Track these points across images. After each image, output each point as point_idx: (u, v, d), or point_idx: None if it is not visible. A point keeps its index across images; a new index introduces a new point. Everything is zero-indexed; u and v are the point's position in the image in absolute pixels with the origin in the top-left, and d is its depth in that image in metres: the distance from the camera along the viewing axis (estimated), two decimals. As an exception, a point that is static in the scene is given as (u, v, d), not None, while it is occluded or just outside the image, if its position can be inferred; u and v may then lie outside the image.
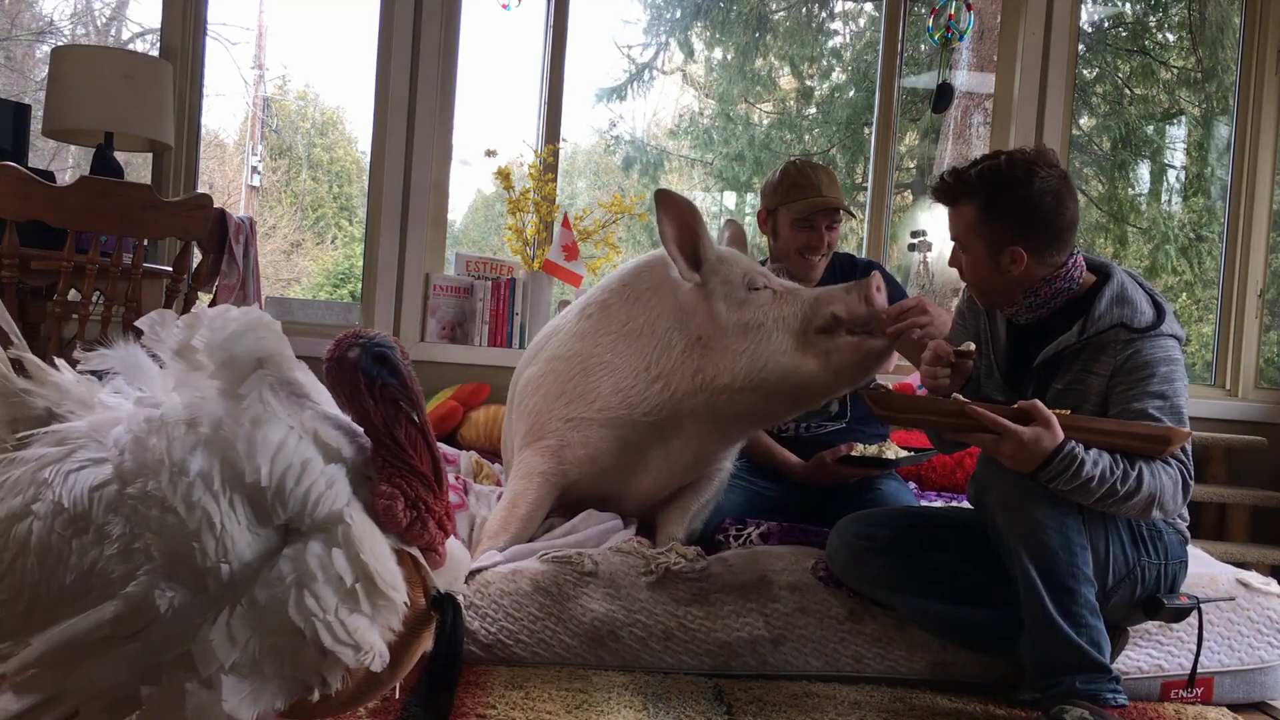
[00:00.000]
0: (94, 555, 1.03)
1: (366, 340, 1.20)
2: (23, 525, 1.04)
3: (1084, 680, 1.76)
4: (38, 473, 1.07)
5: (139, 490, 1.05)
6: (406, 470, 1.19)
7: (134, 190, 2.63)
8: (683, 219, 2.17)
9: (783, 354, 2.08)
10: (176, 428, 1.08)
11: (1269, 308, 4.17)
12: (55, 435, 1.12)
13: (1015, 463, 1.77)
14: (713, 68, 7.33)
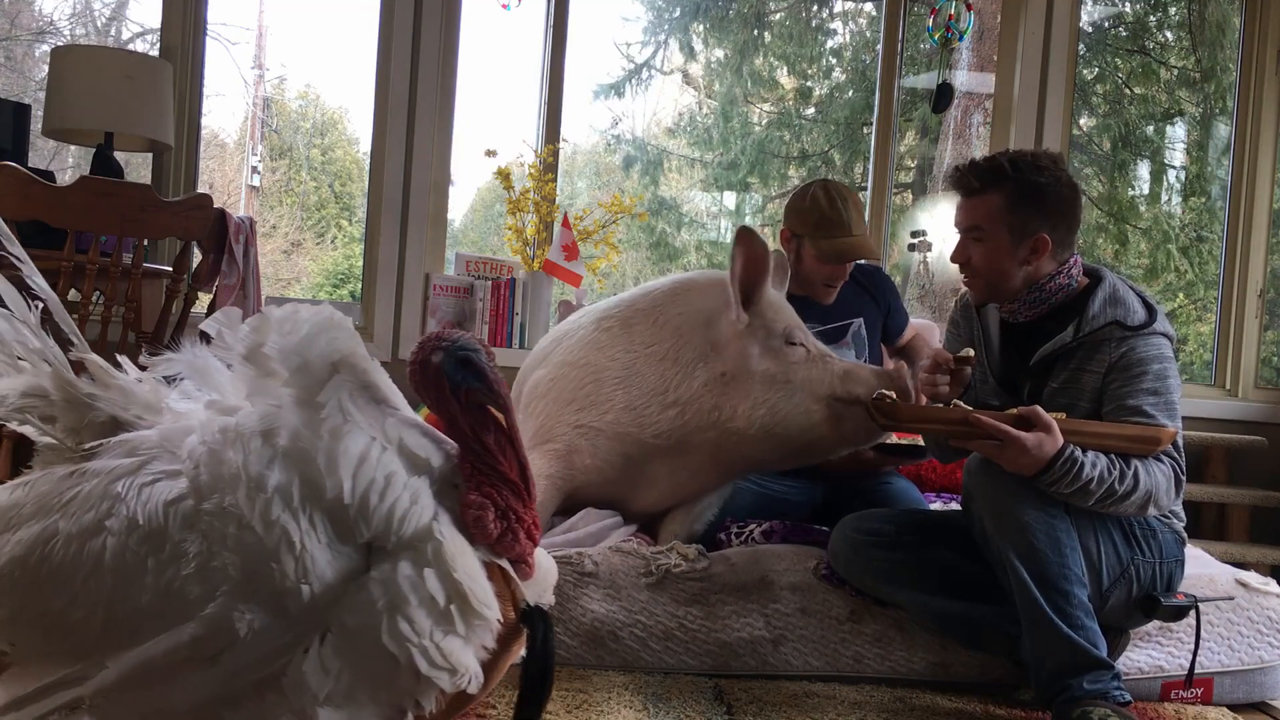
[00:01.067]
0: (171, 574, 0.98)
1: (450, 343, 1.15)
2: (96, 541, 0.99)
3: (1090, 680, 1.77)
4: (110, 486, 1.02)
5: (214, 506, 1.00)
6: (496, 478, 1.13)
7: (134, 190, 2.63)
8: (756, 260, 2.18)
9: (801, 414, 2.11)
10: (253, 439, 1.02)
11: (1269, 308, 4.16)
12: (126, 445, 1.06)
13: (1017, 467, 1.79)
14: (712, 67, 7.33)
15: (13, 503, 1.06)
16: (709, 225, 7.54)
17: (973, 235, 1.98)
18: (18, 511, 1.04)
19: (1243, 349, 4.00)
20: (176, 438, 1.06)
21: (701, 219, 7.54)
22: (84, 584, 0.98)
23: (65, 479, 1.06)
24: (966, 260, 2.01)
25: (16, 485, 1.08)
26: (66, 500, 1.03)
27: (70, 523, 1.00)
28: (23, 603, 1.00)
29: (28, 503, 1.05)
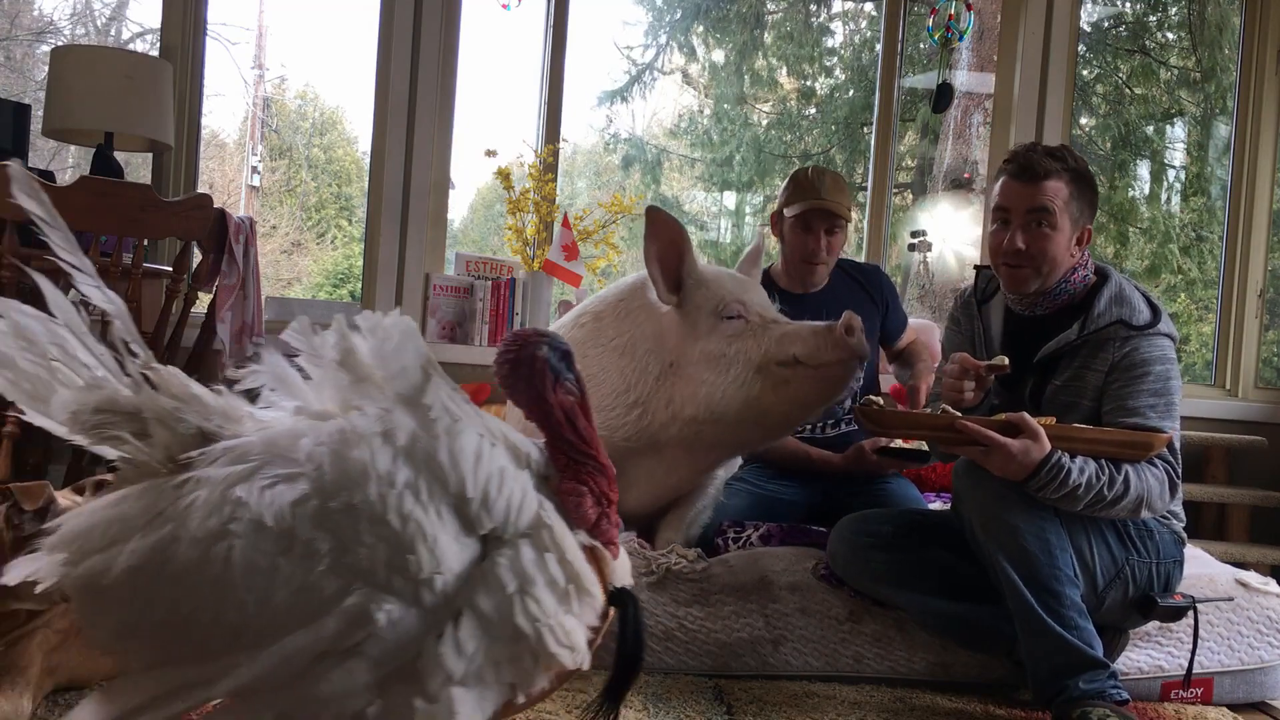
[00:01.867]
0: (303, 572, 1.01)
1: (549, 339, 1.23)
2: (221, 546, 1.00)
3: (1086, 680, 1.77)
4: (228, 492, 1.03)
5: (343, 504, 1.03)
6: (591, 465, 1.20)
7: (134, 190, 2.63)
8: (669, 237, 2.11)
9: (740, 387, 2.02)
10: (373, 439, 1.06)
11: (1269, 308, 4.16)
12: (233, 453, 1.07)
13: (1004, 473, 1.79)
14: (713, 68, 7.33)
15: (119, 515, 1.05)
16: (710, 225, 7.54)
17: (1036, 220, 1.92)
18: (127, 524, 1.03)
19: (1243, 349, 4.00)
20: (285, 442, 1.07)
21: (702, 218, 7.54)
22: (212, 588, 1.00)
23: (176, 489, 1.05)
24: (1023, 247, 1.93)
25: (118, 500, 1.07)
26: (183, 509, 1.03)
27: (191, 530, 1.01)
28: (142, 611, 1.01)
29: (135, 515, 1.04)
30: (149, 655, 1.03)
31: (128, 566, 1.01)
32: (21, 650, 1.50)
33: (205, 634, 1.01)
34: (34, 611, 1.53)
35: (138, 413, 1.09)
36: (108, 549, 1.02)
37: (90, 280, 1.11)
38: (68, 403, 1.08)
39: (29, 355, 1.08)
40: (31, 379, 1.08)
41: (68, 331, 1.10)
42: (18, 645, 1.51)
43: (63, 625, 1.56)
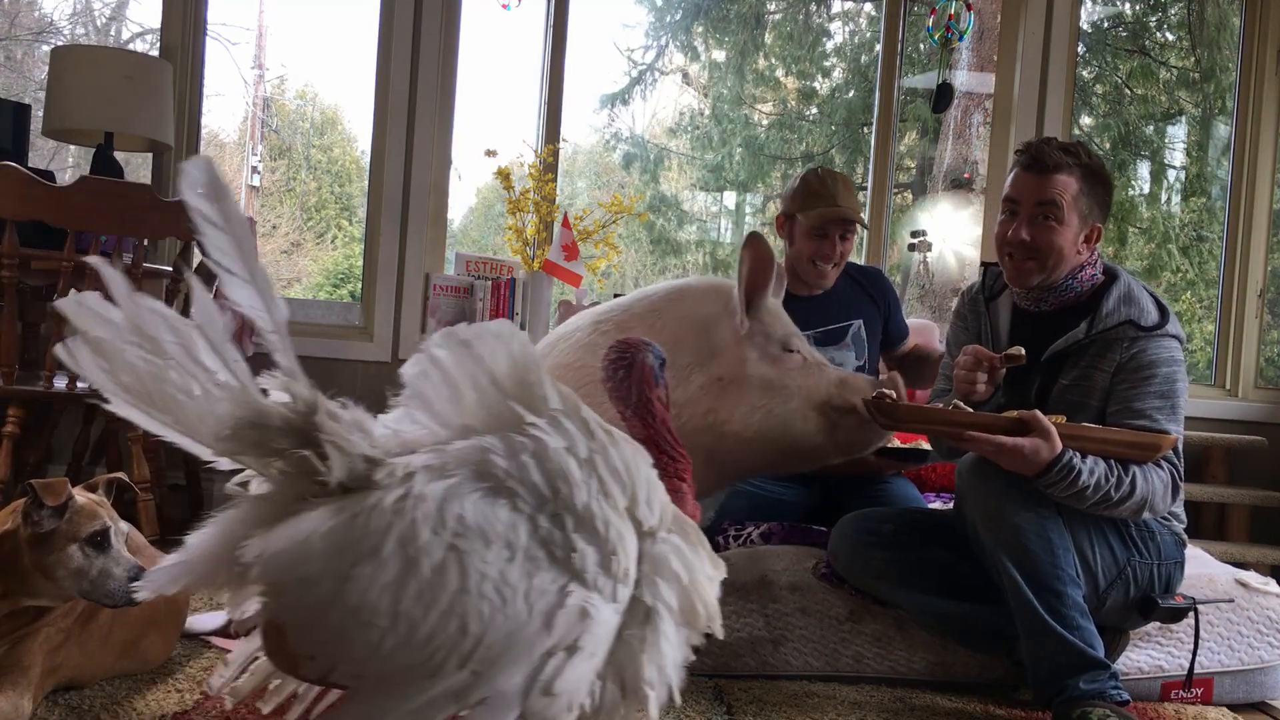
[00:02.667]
0: (527, 578, 1.06)
1: (653, 347, 1.36)
2: (453, 560, 1.03)
3: (1086, 680, 1.77)
4: (442, 510, 1.04)
5: (550, 513, 1.09)
6: (683, 463, 1.31)
7: (134, 190, 2.63)
8: (763, 266, 2.17)
9: (798, 420, 2.08)
10: (557, 453, 1.11)
11: (1269, 308, 4.16)
12: (433, 469, 1.08)
13: (1014, 470, 1.79)
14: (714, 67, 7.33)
15: (332, 544, 1.02)
16: (709, 225, 7.54)
17: (1043, 213, 1.92)
18: (344, 550, 1.01)
19: (1243, 349, 4.00)
20: (476, 456, 1.09)
21: (702, 218, 7.54)
22: (453, 602, 1.02)
23: (394, 509, 1.04)
24: (1027, 239, 1.93)
25: (335, 513, 1.03)
26: (407, 528, 1.03)
27: (422, 549, 1.02)
28: (385, 633, 1.00)
29: (350, 540, 1.02)
30: (387, 677, 1.02)
31: (365, 591, 0.99)
32: (24, 650, 1.50)
33: (450, 647, 1.02)
34: (41, 611, 1.53)
35: (307, 431, 1.05)
36: (327, 577, 1.00)
37: (247, 289, 1.06)
38: (220, 416, 1.04)
39: (143, 353, 1.03)
40: (144, 379, 1.03)
41: (199, 336, 1.04)
42: (20, 645, 1.51)
43: (65, 625, 1.56)
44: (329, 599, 0.98)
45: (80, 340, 1.01)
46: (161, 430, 1.06)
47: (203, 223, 1.03)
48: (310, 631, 1.00)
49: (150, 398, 1.03)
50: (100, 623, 1.63)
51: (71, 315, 1.01)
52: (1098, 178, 1.94)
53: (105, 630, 1.65)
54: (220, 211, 1.04)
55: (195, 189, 1.03)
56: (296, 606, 1.00)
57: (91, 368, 1.02)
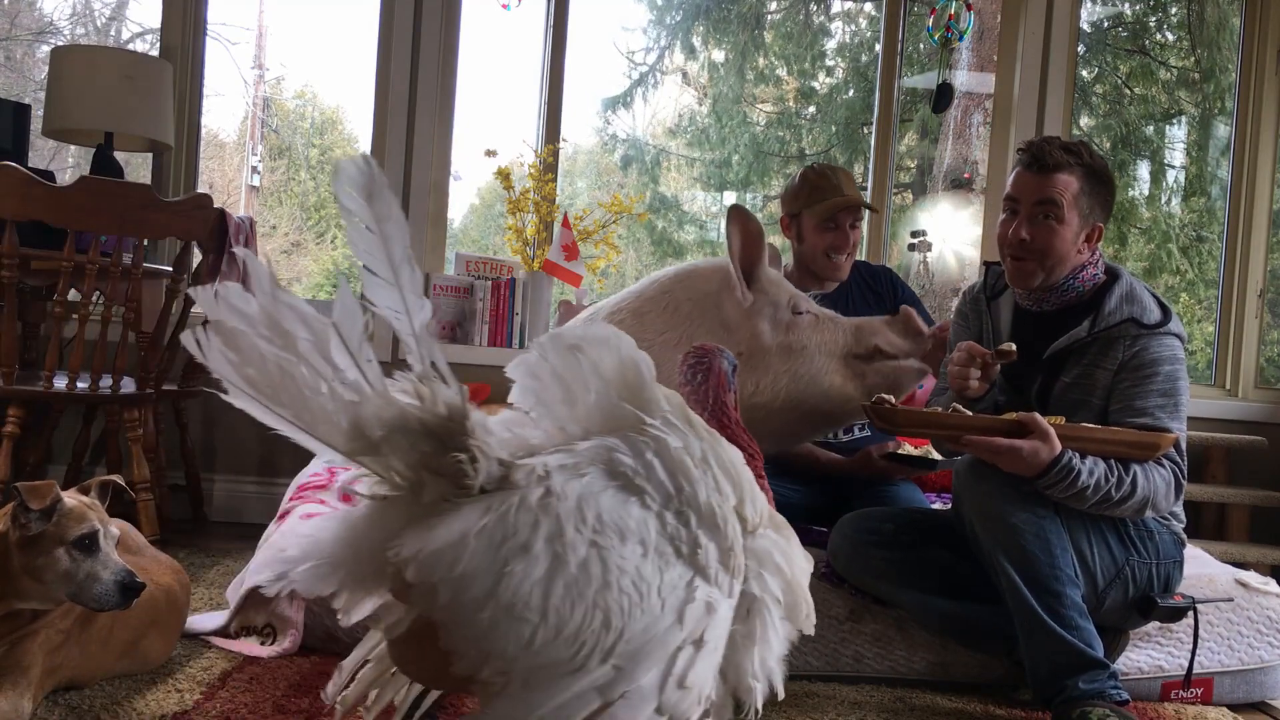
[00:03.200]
0: (660, 574, 1.09)
1: (726, 353, 1.46)
2: (595, 557, 1.06)
3: (1086, 680, 1.77)
4: (581, 508, 1.07)
5: (675, 509, 1.13)
6: (757, 462, 1.35)
7: (134, 190, 2.63)
8: (752, 237, 2.19)
9: (824, 375, 2.12)
10: (676, 452, 1.15)
11: (1269, 308, 4.16)
12: (568, 469, 1.10)
13: (1013, 471, 1.79)
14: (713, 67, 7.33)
15: (484, 543, 1.04)
16: (709, 225, 7.54)
17: (1043, 212, 1.92)
18: (494, 549, 1.03)
19: (1243, 349, 4.00)
20: (605, 456, 1.13)
21: (701, 218, 7.54)
22: (598, 597, 1.05)
23: (537, 504, 1.06)
24: (1029, 238, 1.93)
25: (484, 512, 1.05)
26: (552, 527, 1.05)
27: (569, 546, 1.05)
28: (536, 629, 1.02)
29: (499, 539, 1.04)
30: (534, 672, 1.03)
31: (518, 587, 1.01)
32: (23, 650, 1.50)
33: (594, 641, 1.04)
34: (38, 612, 1.53)
35: (450, 435, 1.06)
36: (483, 574, 1.01)
37: (390, 291, 1.05)
38: (365, 417, 1.04)
39: (274, 348, 1.02)
40: (271, 373, 1.02)
41: (334, 333, 1.03)
42: (20, 645, 1.51)
43: (64, 625, 1.56)
44: (484, 596, 1.00)
45: (213, 330, 1.01)
46: (278, 424, 1.05)
47: (352, 222, 1.03)
48: (465, 628, 1.01)
49: (275, 392, 1.03)
50: (100, 623, 1.63)
51: (207, 306, 1.01)
52: (1100, 177, 1.94)
53: (105, 631, 1.65)
54: (374, 212, 1.03)
55: (351, 187, 1.03)
56: (453, 604, 1.01)
57: (219, 358, 1.02)
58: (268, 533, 2.19)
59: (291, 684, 1.77)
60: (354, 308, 1.03)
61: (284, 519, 2.17)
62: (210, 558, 2.73)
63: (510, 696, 1.02)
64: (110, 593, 1.48)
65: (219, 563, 2.67)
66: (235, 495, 3.47)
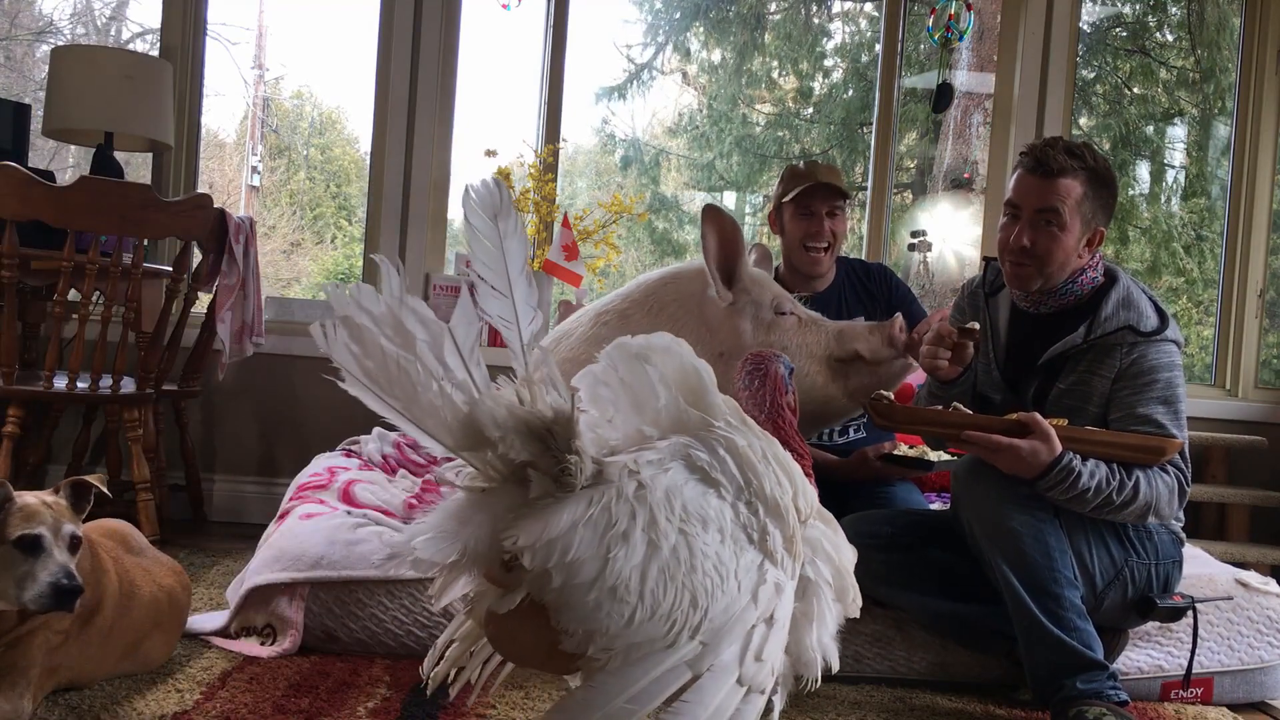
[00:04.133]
0: (734, 558, 1.19)
1: (783, 358, 1.54)
2: (683, 543, 1.16)
3: (1084, 680, 1.77)
4: (669, 499, 1.18)
5: (745, 500, 1.23)
6: (808, 461, 1.42)
7: (134, 190, 2.63)
8: (727, 236, 2.20)
9: (805, 379, 2.12)
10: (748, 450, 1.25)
11: (1269, 308, 4.16)
12: (654, 465, 1.20)
13: (1013, 472, 1.79)
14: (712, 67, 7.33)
15: (590, 531, 1.13)
16: (709, 226, 7.52)
17: (1044, 219, 1.90)
18: (599, 535, 1.13)
19: (1243, 349, 4.00)
20: (684, 453, 1.23)
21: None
22: (687, 579, 1.15)
23: (634, 497, 1.16)
24: (1028, 244, 1.91)
25: (590, 504, 1.14)
26: (648, 515, 1.16)
27: (662, 532, 1.15)
28: (635, 610, 1.12)
29: (603, 526, 1.14)
30: (633, 648, 1.13)
31: (620, 572, 1.12)
32: (22, 650, 1.50)
33: (684, 620, 1.14)
34: (28, 612, 1.52)
35: (555, 435, 1.15)
36: (591, 560, 1.12)
37: (502, 302, 1.18)
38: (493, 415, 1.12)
39: (394, 346, 1.10)
40: (389, 368, 1.11)
41: (448, 337, 1.12)
42: (18, 645, 1.51)
43: (62, 626, 1.56)
44: (592, 580, 1.10)
45: (340, 324, 1.10)
46: (388, 414, 1.14)
47: (477, 238, 1.17)
48: (574, 609, 1.11)
49: (389, 385, 1.12)
50: (100, 624, 1.63)
51: (336, 302, 1.10)
52: (1103, 181, 1.92)
53: (106, 631, 1.65)
54: (499, 229, 1.18)
55: (480, 210, 1.17)
56: (564, 587, 1.11)
57: (342, 350, 1.10)
58: (268, 533, 2.19)
59: (291, 684, 1.77)
60: (470, 315, 1.14)
61: (284, 519, 2.17)
62: (210, 558, 2.73)
63: (612, 672, 1.13)
64: (44, 594, 1.43)
65: (219, 563, 2.67)
66: (235, 495, 3.47)
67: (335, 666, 1.89)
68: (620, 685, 1.12)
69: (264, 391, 3.49)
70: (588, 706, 1.12)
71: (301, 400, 3.48)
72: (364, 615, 1.98)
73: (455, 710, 1.71)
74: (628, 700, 1.12)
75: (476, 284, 1.18)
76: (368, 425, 3.17)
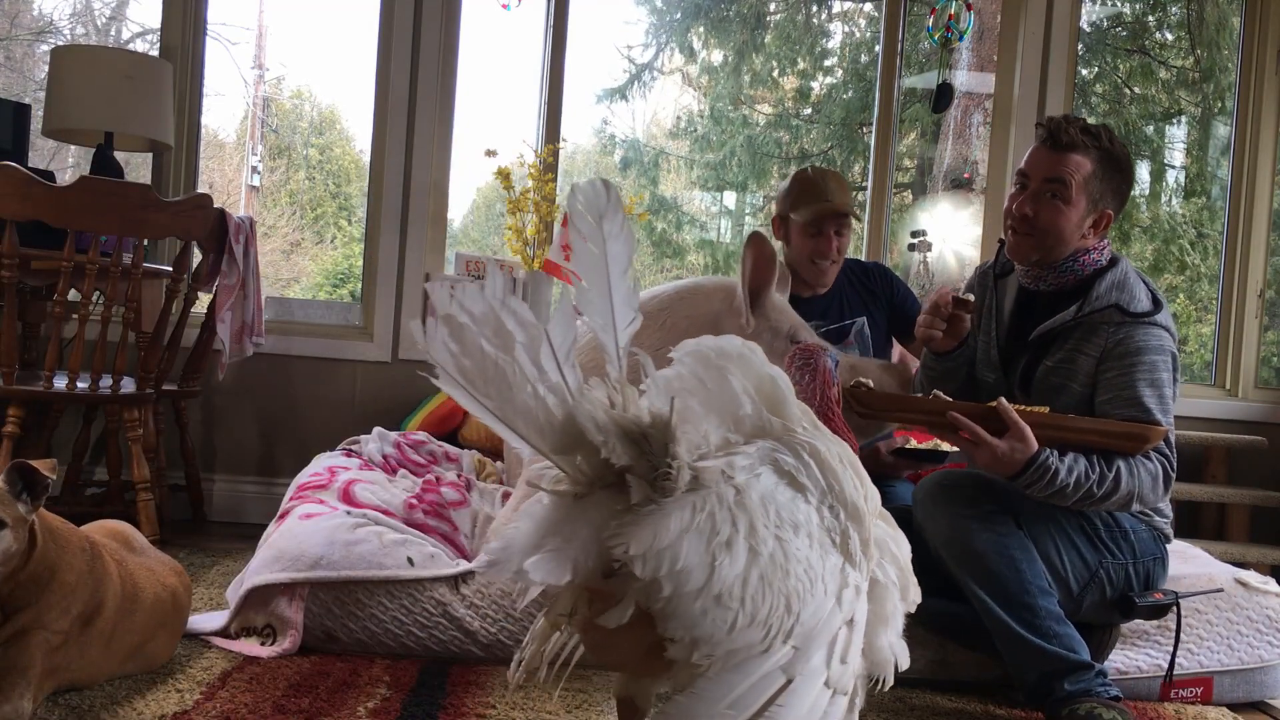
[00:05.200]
0: (821, 562, 1.21)
1: (830, 351, 1.57)
2: (778, 547, 1.17)
3: (1071, 682, 1.77)
4: (765, 505, 1.19)
5: (828, 504, 1.25)
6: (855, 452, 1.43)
7: (134, 190, 2.63)
8: (765, 263, 2.21)
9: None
10: (828, 453, 1.27)
11: (1269, 308, 4.16)
12: (746, 470, 1.20)
13: (990, 470, 1.80)
14: (711, 68, 7.33)
15: (710, 534, 1.14)
16: (709, 225, 7.54)
17: (1050, 190, 1.91)
18: (704, 540, 1.13)
19: (1243, 349, 4.00)
20: (766, 457, 1.24)
21: (701, 219, 7.54)
22: (781, 583, 1.16)
23: (734, 504, 1.17)
24: (1031, 214, 1.93)
25: (694, 511, 1.14)
26: (749, 520, 1.17)
27: (759, 537, 1.16)
28: (736, 614, 1.13)
29: (708, 531, 1.14)
30: (733, 654, 1.14)
31: (724, 579, 1.13)
32: (22, 651, 1.50)
33: (779, 625, 1.15)
34: (19, 609, 1.52)
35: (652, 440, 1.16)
36: (698, 568, 1.12)
37: (601, 305, 1.19)
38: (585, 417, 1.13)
39: (492, 346, 1.11)
40: (485, 367, 1.11)
41: (545, 341, 1.13)
42: (18, 646, 1.50)
43: (62, 627, 1.56)
44: (700, 587, 1.11)
45: (441, 322, 1.10)
46: (479, 413, 1.13)
47: (579, 241, 1.16)
48: (681, 617, 1.11)
49: (484, 385, 1.12)
50: (101, 626, 1.62)
51: (438, 301, 1.10)
52: (1116, 164, 1.93)
53: (109, 634, 1.64)
54: (603, 231, 1.17)
55: (586, 211, 1.16)
56: (674, 595, 1.10)
57: (441, 348, 1.10)
58: (267, 533, 2.19)
59: (291, 684, 1.77)
60: (568, 317, 1.15)
61: (284, 519, 2.17)
62: (210, 558, 2.73)
63: (713, 678, 1.13)
64: None
65: (219, 563, 2.67)
66: (235, 495, 3.47)
67: (335, 666, 1.89)
68: (721, 691, 1.13)
69: (264, 391, 3.49)
70: (691, 714, 1.12)
71: (301, 400, 3.48)
72: (364, 615, 1.98)
73: (455, 710, 1.71)
74: (728, 706, 1.12)
75: (575, 285, 1.18)
76: (368, 425, 3.17)
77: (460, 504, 2.37)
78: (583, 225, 1.16)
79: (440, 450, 2.93)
